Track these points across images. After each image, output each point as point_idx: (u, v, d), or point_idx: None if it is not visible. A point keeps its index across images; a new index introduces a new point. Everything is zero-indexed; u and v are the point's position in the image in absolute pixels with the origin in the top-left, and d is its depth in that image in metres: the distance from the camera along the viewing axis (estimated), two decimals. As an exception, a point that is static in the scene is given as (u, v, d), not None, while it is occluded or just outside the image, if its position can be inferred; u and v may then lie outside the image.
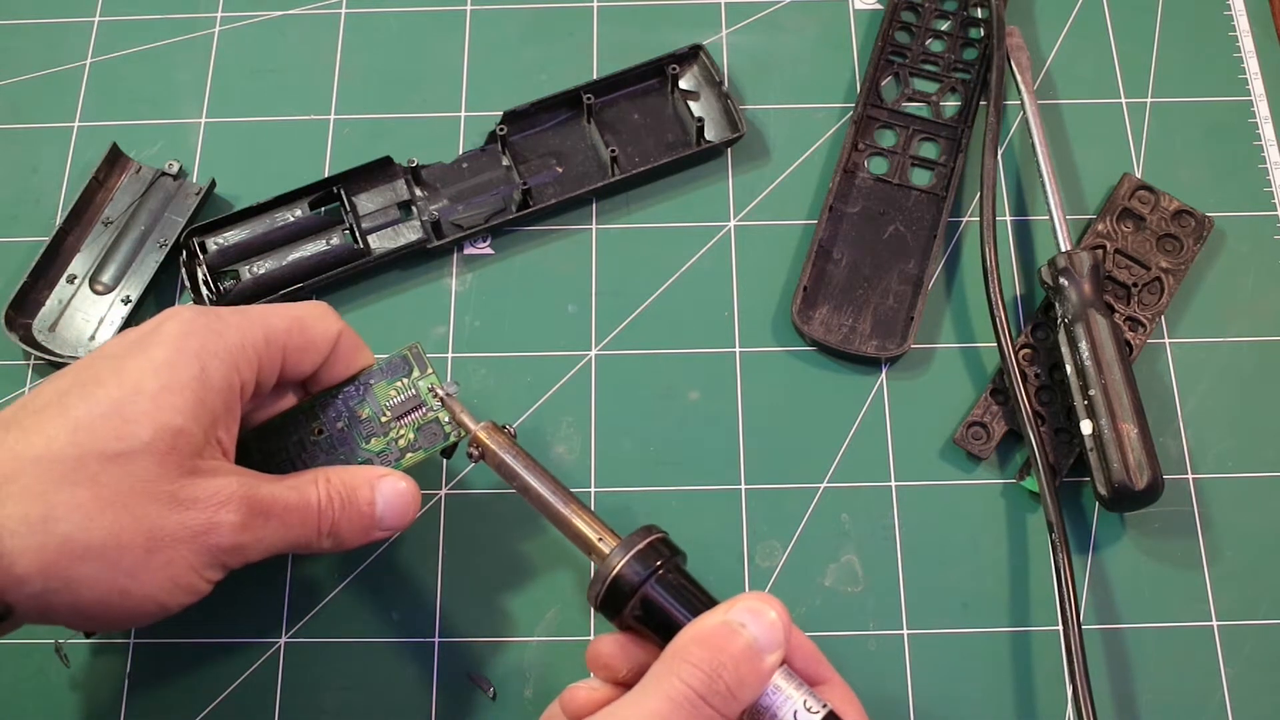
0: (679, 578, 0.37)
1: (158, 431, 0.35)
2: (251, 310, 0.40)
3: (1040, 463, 0.45)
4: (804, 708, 0.35)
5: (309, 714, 0.44)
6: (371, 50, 0.56)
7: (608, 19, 0.57)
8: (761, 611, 0.35)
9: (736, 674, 0.34)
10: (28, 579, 0.34)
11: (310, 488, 0.39)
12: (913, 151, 0.53)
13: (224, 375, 0.38)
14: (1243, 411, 0.49)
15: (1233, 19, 0.56)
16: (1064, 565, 0.43)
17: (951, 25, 0.56)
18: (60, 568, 0.34)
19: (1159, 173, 0.53)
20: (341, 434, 0.43)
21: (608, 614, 0.38)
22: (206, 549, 0.36)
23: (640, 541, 0.37)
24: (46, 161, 0.54)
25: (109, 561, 0.35)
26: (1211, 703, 0.44)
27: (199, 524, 0.36)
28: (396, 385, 0.43)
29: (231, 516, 0.36)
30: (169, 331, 0.38)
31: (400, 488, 0.41)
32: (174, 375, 0.36)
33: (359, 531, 0.40)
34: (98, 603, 0.35)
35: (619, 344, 0.50)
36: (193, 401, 0.37)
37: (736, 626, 0.35)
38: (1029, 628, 0.45)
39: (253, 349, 0.39)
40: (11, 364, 0.49)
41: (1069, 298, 0.47)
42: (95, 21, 0.57)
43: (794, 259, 0.52)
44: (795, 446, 0.48)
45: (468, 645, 0.45)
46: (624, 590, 0.37)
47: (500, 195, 0.52)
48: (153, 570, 0.35)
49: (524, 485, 0.40)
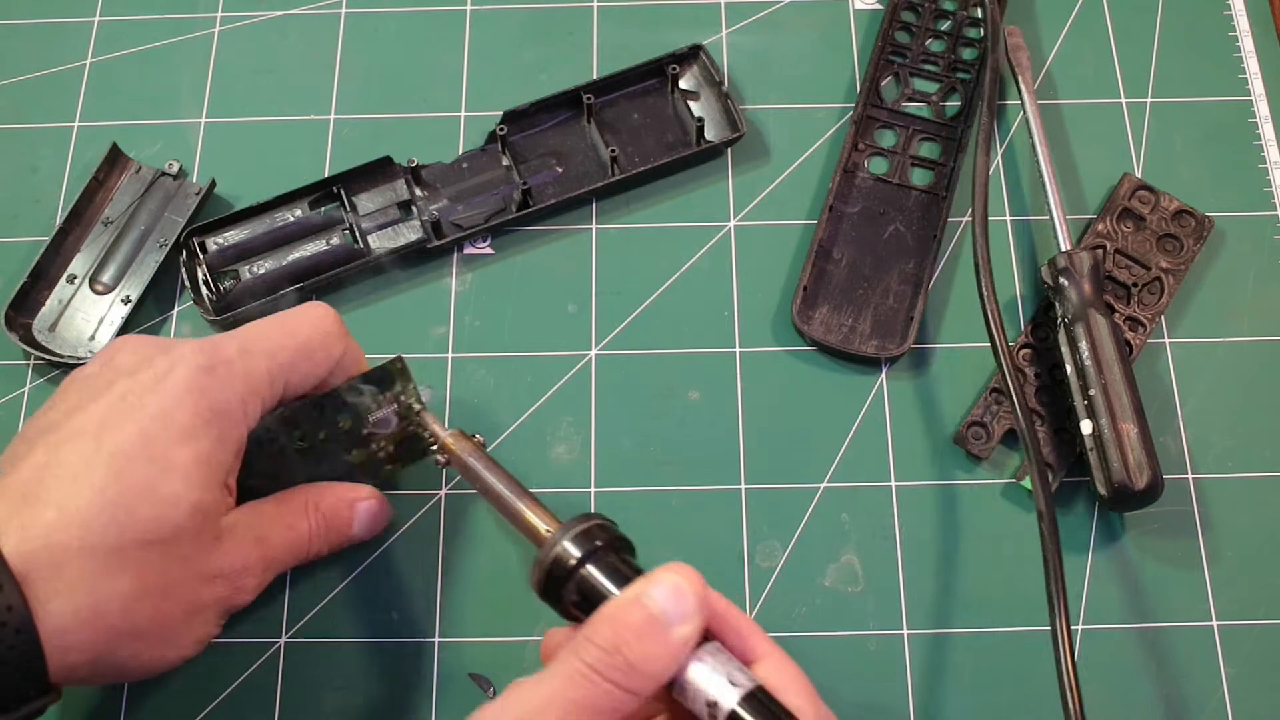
0: (616, 560, 0.36)
1: (192, 512, 0.36)
2: (257, 348, 0.39)
3: (1028, 443, 0.45)
4: (728, 682, 0.33)
5: (309, 714, 0.44)
6: (371, 50, 0.56)
7: (608, 19, 0.57)
8: (670, 582, 0.34)
9: (640, 647, 0.33)
10: (78, 667, 0.35)
11: (302, 521, 0.41)
12: (913, 151, 0.53)
13: (235, 431, 0.38)
14: (1243, 411, 0.49)
15: (1233, 19, 0.56)
16: (1053, 559, 0.43)
17: (951, 25, 0.56)
18: (107, 652, 0.36)
19: (1159, 173, 0.53)
20: (324, 445, 0.42)
21: (551, 601, 0.37)
22: (229, 608, 0.40)
23: (577, 526, 0.37)
24: (46, 161, 0.54)
25: (151, 639, 0.37)
26: (1211, 703, 0.44)
27: (226, 593, 0.39)
28: (379, 399, 0.43)
29: (252, 581, 0.40)
30: (181, 385, 0.37)
31: (374, 509, 0.44)
32: (197, 447, 0.36)
33: (334, 548, 0.43)
34: (139, 669, 0.38)
35: (619, 344, 0.50)
36: (214, 468, 0.37)
37: (643, 600, 0.34)
38: (1029, 628, 0.45)
39: (258, 396, 0.39)
40: (11, 364, 0.49)
41: (1069, 298, 0.47)
42: (95, 21, 0.57)
43: (794, 259, 0.52)
44: (795, 446, 0.48)
45: (468, 645, 0.45)
46: (560, 573, 0.36)
47: (500, 195, 0.52)
48: (187, 635, 0.38)
49: (484, 485, 0.41)
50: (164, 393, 0.37)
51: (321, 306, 0.42)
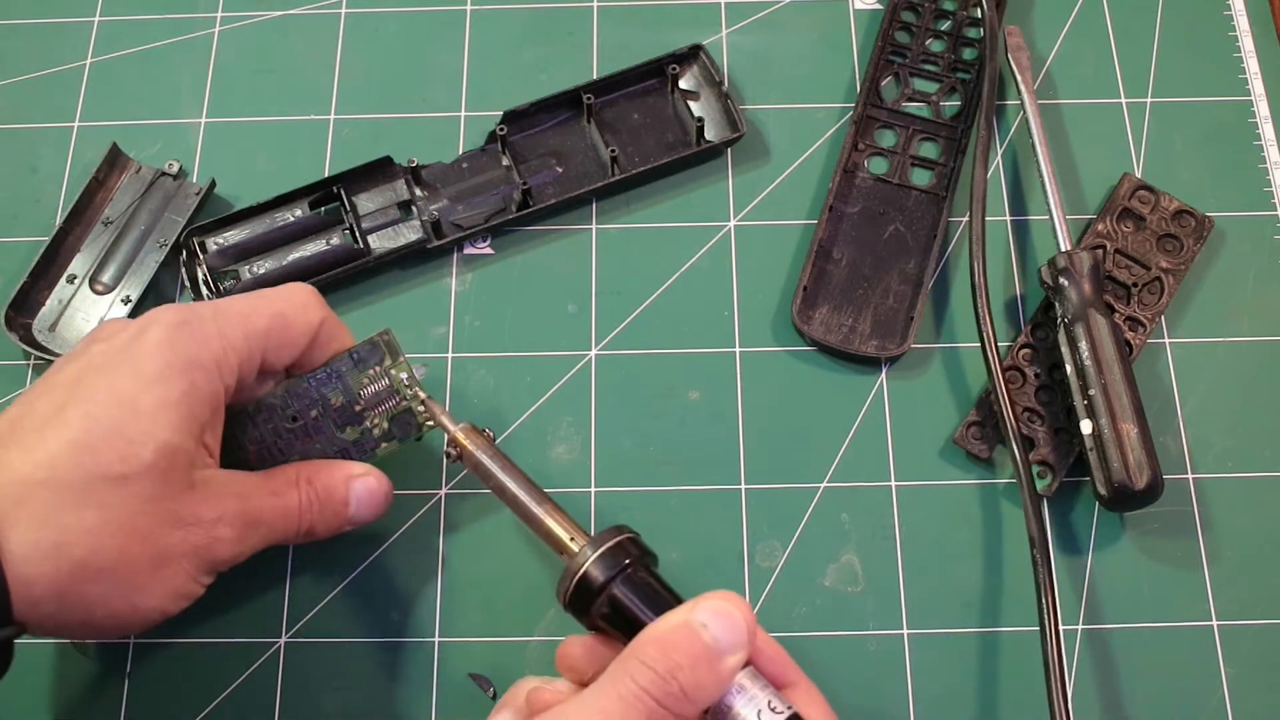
0: (647, 577, 0.37)
1: (159, 451, 0.36)
2: (232, 310, 0.40)
3: (1019, 460, 0.45)
4: (768, 708, 0.34)
5: (309, 714, 0.44)
6: (371, 50, 0.56)
7: (608, 19, 0.57)
8: (724, 612, 0.34)
9: (693, 675, 0.33)
10: (42, 601, 0.35)
11: (292, 492, 0.41)
12: (913, 151, 0.53)
13: (210, 385, 0.38)
14: (1243, 411, 0.49)
15: (1233, 19, 0.56)
16: (1043, 571, 0.43)
17: (951, 25, 0.56)
18: (73, 589, 0.35)
19: (1159, 173, 0.53)
20: (316, 423, 0.43)
21: (576, 613, 0.38)
22: (206, 561, 0.39)
23: (609, 540, 0.37)
24: (46, 161, 0.54)
25: (119, 580, 0.36)
26: (1211, 703, 0.44)
27: (200, 540, 0.38)
28: (369, 373, 0.43)
29: (228, 532, 0.39)
30: (153, 340, 0.38)
31: (372, 486, 0.43)
32: (166, 391, 0.37)
33: (332, 528, 0.42)
34: (108, 617, 0.37)
35: (619, 344, 0.50)
36: (185, 416, 0.37)
37: (697, 627, 0.34)
38: (1029, 628, 0.45)
39: (235, 353, 0.39)
40: (11, 364, 0.49)
41: (1069, 298, 0.47)
42: (95, 21, 0.57)
43: (794, 259, 0.52)
44: (795, 446, 0.48)
45: (468, 645, 0.45)
46: (590, 588, 0.37)
47: (500, 195, 0.52)
48: (158, 584, 0.37)
49: (499, 485, 0.41)
50: (136, 349, 0.38)
51: (299, 284, 0.43)
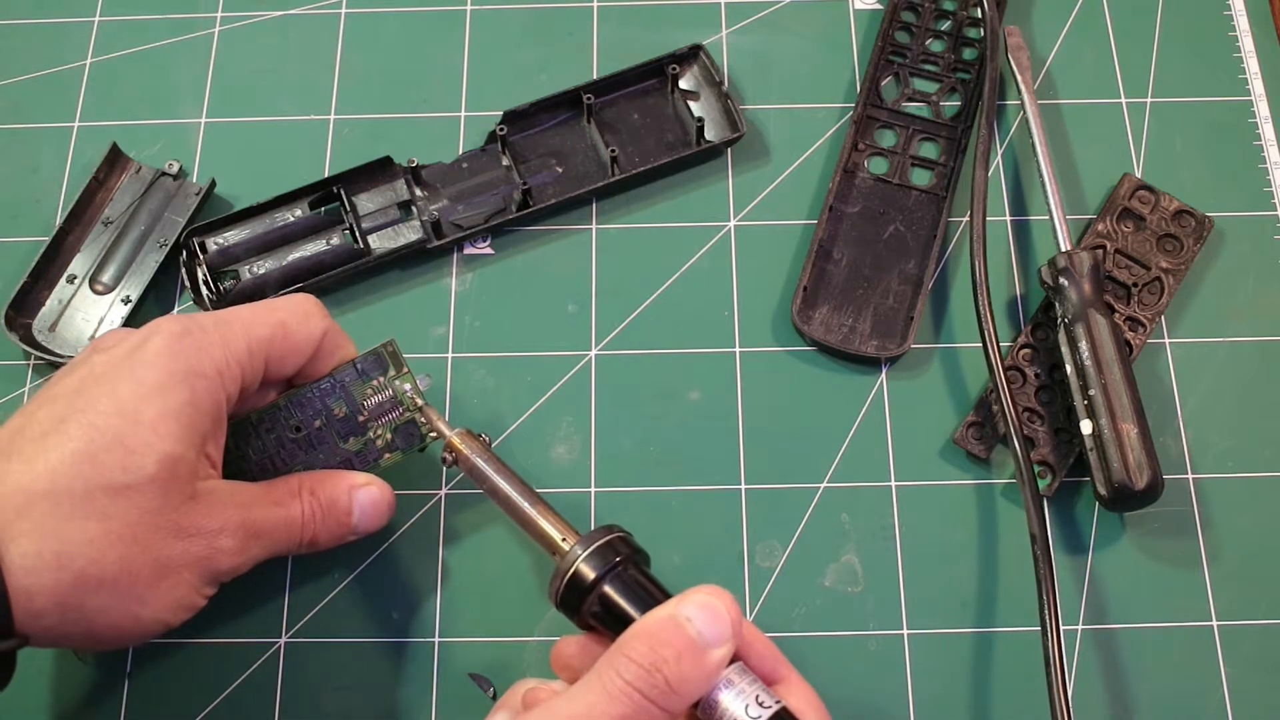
0: (638, 575, 0.37)
1: (161, 462, 0.36)
2: (235, 320, 0.40)
3: (1021, 457, 0.45)
4: (756, 702, 0.34)
5: (309, 714, 0.44)
6: (371, 50, 0.56)
7: (608, 19, 0.57)
8: (709, 605, 0.35)
9: (678, 669, 0.33)
10: (44, 613, 0.35)
11: (294, 503, 0.41)
12: (913, 151, 0.53)
13: (211, 395, 0.38)
14: (1243, 411, 0.49)
15: (1233, 19, 0.56)
16: (1044, 567, 0.43)
17: (951, 25, 0.56)
18: (75, 600, 0.35)
19: (1159, 173, 0.53)
20: (319, 433, 0.43)
21: (568, 612, 0.38)
22: (208, 572, 0.38)
23: (600, 539, 0.37)
24: (46, 161, 0.54)
25: (120, 591, 0.36)
26: (1211, 703, 0.44)
27: (202, 551, 0.38)
28: (373, 384, 0.43)
29: (230, 543, 0.38)
30: (154, 351, 0.38)
31: (375, 496, 0.43)
32: (167, 402, 0.37)
33: (335, 539, 0.42)
34: (110, 628, 0.37)
35: (619, 344, 0.50)
36: (186, 426, 0.37)
37: (682, 620, 0.34)
38: (1029, 628, 0.45)
39: (237, 364, 0.39)
40: (11, 364, 0.49)
41: (1069, 298, 0.47)
42: (95, 21, 0.57)
43: (794, 259, 0.52)
44: (795, 446, 0.48)
45: (468, 645, 0.45)
46: (581, 586, 0.37)
47: (500, 195, 0.52)
48: (160, 595, 0.37)
49: (493, 487, 0.41)
50: (137, 359, 0.37)
51: (302, 294, 0.43)
